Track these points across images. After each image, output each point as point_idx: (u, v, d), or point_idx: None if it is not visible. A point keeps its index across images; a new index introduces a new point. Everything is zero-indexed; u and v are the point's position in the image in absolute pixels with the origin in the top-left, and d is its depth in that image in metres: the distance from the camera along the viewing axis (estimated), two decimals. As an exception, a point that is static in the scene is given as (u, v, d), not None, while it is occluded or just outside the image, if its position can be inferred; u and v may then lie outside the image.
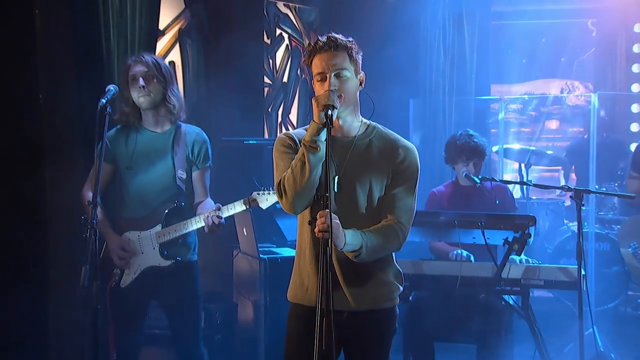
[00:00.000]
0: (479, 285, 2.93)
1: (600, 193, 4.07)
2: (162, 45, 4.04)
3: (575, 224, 2.99)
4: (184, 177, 2.75)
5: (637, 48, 6.05)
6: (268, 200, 2.67)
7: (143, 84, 2.68)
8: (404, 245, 2.06)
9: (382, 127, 2.13)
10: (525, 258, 3.13)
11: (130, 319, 2.74)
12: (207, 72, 4.18)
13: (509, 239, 2.87)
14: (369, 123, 2.11)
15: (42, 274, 3.11)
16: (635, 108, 6.05)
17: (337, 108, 1.92)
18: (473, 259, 3.17)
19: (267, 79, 4.70)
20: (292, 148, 2.04)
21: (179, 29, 4.16)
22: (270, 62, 4.73)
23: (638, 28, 6.01)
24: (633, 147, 5.22)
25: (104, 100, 2.43)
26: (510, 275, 2.91)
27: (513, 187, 4.88)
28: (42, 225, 3.11)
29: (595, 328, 3.35)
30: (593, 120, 4.41)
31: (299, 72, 4.90)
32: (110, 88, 2.50)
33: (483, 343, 3.06)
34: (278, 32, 4.79)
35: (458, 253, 3.16)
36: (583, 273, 2.85)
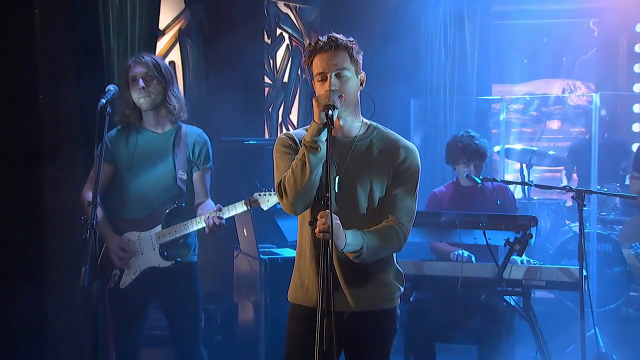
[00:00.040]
0: (480, 286, 2.92)
1: (602, 193, 4.06)
2: (162, 45, 4.03)
3: (577, 225, 2.98)
4: (185, 177, 2.74)
5: (639, 48, 6.04)
6: (269, 201, 2.66)
7: (143, 85, 2.67)
8: (405, 246, 2.05)
9: (382, 127, 2.12)
10: (527, 259, 3.12)
11: (130, 320, 2.73)
12: (207, 72, 4.17)
13: (510, 240, 2.86)
14: (370, 123, 2.11)
15: (42, 274, 3.10)
16: (637, 108, 6.04)
17: (337, 108, 1.91)
18: (474, 260, 3.16)
19: (267, 79, 4.69)
20: (292, 148, 2.03)
21: (179, 29, 4.16)
22: (271, 62, 4.72)
23: (640, 27, 6.02)
24: (635, 147, 5.22)
25: (104, 101, 2.42)
26: (512, 276, 2.90)
27: (514, 187, 4.87)
28: (42, 226, 3.11)
29: (597, 329, 3.34)
30: (595, 121, 4.40)
31: (300, 72, 4.90)
32: (110, 88, 2.49)
33: (484, 344, 3.05)
34: (278, 31, 4.78)
35: (459, 254, 3.15)
36: (585, 274, 2.84)
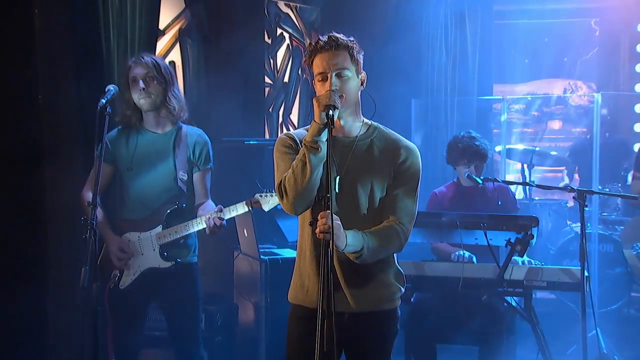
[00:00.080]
0: (481, 287, 2.91)
1: (604, 194, 4.05)
2: (162, 45, 4.02)
3: (578, 225, 2.97)
4: (185, 178, 2.73)
5: (640, 47, 6.02)
6: (270, 202, 2.65)
7: (143, 87, 2.66)
8: (406, 246, 2.05)
9: (383, 127, 2.11)
10: (528, 259, 3.11)
11: (130, 321, 2.72)
12: (207, 72, 4.16)
13: (512, 240, 2.85)
14: (371, 123, 2.10)
15: (42, 274, 3.09)
16: (639, 108, 6.02)
17: (338, 108, 1.90)
18: (475, 260, 3.15)
19: (267, 79, 4.68)
20: (292, 148, 2.02)
21: (179, 29, 4.15)
22: (271, 62, 4.72)
23: (641, 27, 6.00)
24: (637, 147, 5.21)
25: (104, 101, 2.41)
26: (513, 277, 2.89)
27: (515, 187, 4.86)
28: (42, 226, 3.10)
29: (599, 330, 3.34)
30: (596, 121, 4.39)
31: (300, 72, 4.89)
32: (110, 88, 2.48)
33: (485, 345, 3.04)
34: (279, 31, 4.77)
35: (460, 254, 3.14)
36: (586, 274, 2.83)
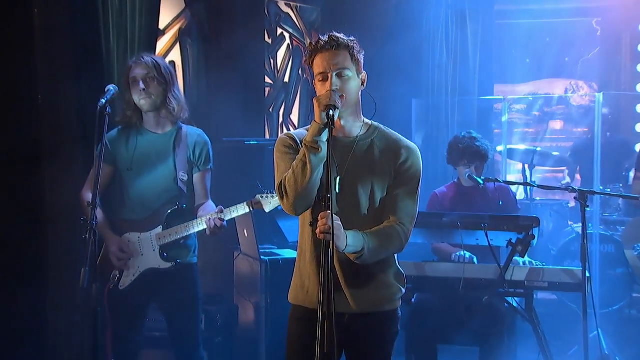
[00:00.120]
0: (483, 287, 2.90)
1: (605, 194, 4.03)
2: (162, 45, 4.02)
3: (580, 226, 2.96)
4: (186, 179, 2.73)
5: (642, 47, 6.00)
6: (272, 204, 2.65)
7: (143, 87, 2.65)
8: (406, 247, 2.04)
9: (384, 127, 2.10)
10: (529, 260, 3.11)
11: (129, 321, 2.71)
12: (207, 72, 4.16)
13: (513, 241, 2.85)
14: (371, 123, 2.09)
15: (41, 275, 3.08)
16: (641, 108, 6.00)
17: (338, 108, 1.89)
18: (476, 261, 3.14)
19: (268, 79, 4.68)
20: (293, 149, 2.02)
21: (180, 29, 4.14)
22: (272, 62, 4.71)
23: (643, 27, 5.97)
24: (638, 147, 5.19)
25: (104, 101, 2.40)
26: (514, 277, 2.88)
27: (517, 188, 4.84)
28: (42, 226, 3.10)
29: (600, 330, 3.33)
30: (598, 121, 4.38)
31: (301, 72, 4.88)
32: (110, 88, 2.48)
33: (486, 345, 3.03)
34: (279, 31, 4.76)
35: (460, 255, 3.13)
36: (587, 275, 2.83)
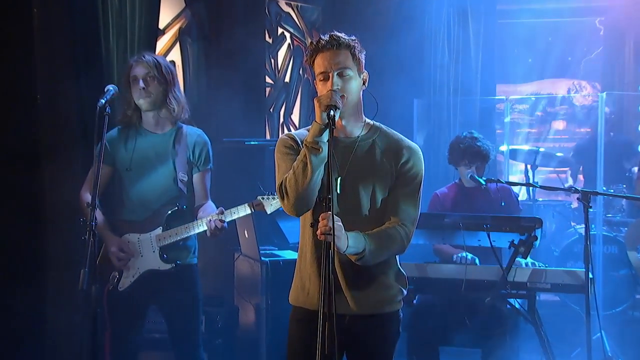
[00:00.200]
0: (485, 289, 2.88)
1: (608, 195, 4.02)
2: (162, 45, 4.01)
3: (583, 226, 2.94)
4: (185, 179, 2.71)
5: (645, 47, 5.98)
6: (273, 205, 2.64)
7: (143, 86, 2.64)
8: (408, 248, 2.02)
9: (386, 127, 2.09)
10: (532, 261, 3.09)
11: (129, 323, 2.70)
12: (207, 71, 4.15)
13: (515, 242, 2.83)
14: (373, 123, 2.08)
15: (41, 275, 3.07)
16: (644, 108, 5.97)
17: (339, 108, 1.88)
18: (478, 262, 3.13)
19: (268, 79, 4.67)
20: (294, 149, 2.01)
21: (180, 28, 4.14)
22: (272, 61, 4.70)
23: (646, 26, 5.94)
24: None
25: (103, 101, 2.38)
26: (516, 279, 2.87)
27: (519, 188, 4.82)
28: (41, 226, 3.08)
29: (603, 332, 3.31)
30: (600, 121, 4.35)
31: (301, 71, 4.87)
32: (110, 88, 2.46)
33: (488, 347, 3.02)
34: (280, 31, 4.75)
35: (462, 256, 3.12)
36: (590, 276, 2.82)
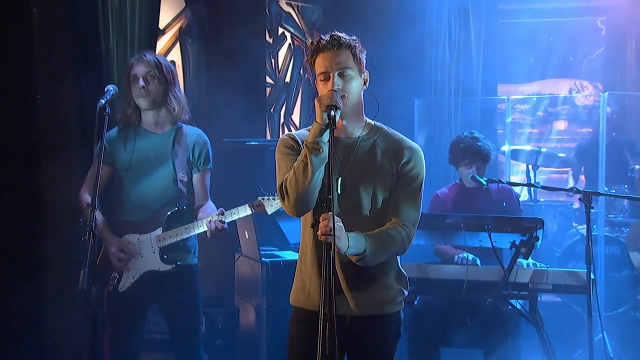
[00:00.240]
0: (486, 289, 2.87)
1: (610, 195, 4.01)
2: (162, 45, 4.01)
3: (584, 227, 2.94)
4: (185, 179, 2.71)
5: (647, 46, 5.96)
6: (274, 206, 2.64)
7: (143, 85, 2.64)
8: (409, 248, 2.01)
9: (387, 127, 2.09)
10: (533, 262, 3.07)
11: (129, 323, 2.70)
12: (208, 71, 4.15)
13: (516, 242, 2.82)
14: (374, 123, 2.07)
15: (41, 275, 3.06)
16: (646, 108, 5.96)
17: (340, 108, 1.88)
18: (479, 263, 3.12)
19: (269, 79, 4.66)
20: (294, 149, 2.00)
21: (180, 28, 4.13)
22: (273, 61, 4.69)
23: (648, 26, 5.93)
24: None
25: (103, 101, 2.38)
26: (518, 280, 2.86)
27: (520, 189, 4.80)
28: (41, 226, 3.07)
29: (605, 333, 3.28)
30: (602, 121, 4.34)
31: (302, 71, 4.86)
32: (110, 88, 2.45)
33: (490, 348, 3.02)
34: (280, 31, 4.74)
35: (464, 256, 3.11)
36: (592, 277, 2.81)
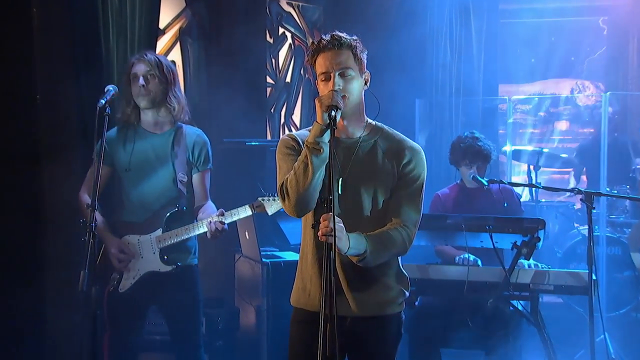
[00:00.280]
0: (487, 290, 2.87)
1: (612, 196, 4.00)
2: (162, 45, 4.01)
3: (586, 228, 2.93)
4: (185, 180, 2.70)
5: (649, 46, 5.95)
6: (274, 207, 2.63)
7: (143, 83, 2.64)
8: (410, 249, 2.01)
9: (388, 127, 2.08)
10: (534, 262, 3.07)
11: (129, 324, 2.69)
12: (208, 71, 4.14)
13: (518, 243, 2.81)
14: (375, 124, 2.06)
15: (41, 275, 3.06)
16: (648, 108, 5.94)
17: (340, 109, 1.87)
18: (480, 263, 3.11)
19: (269, 79, 4.65)
20: (295, 150, 2.00)
21: (180, 28, 4.13)
22: (273, 61, 4.68)
23: (650, 26, 5.92)
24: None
25: (103, 101, 2.38)
26: (519, 280, 2.86)
27: (522, 189, 4.79)
28: (41, 226, 3.07)
29: (607, 334, 3.28)
30: (604, 121, 4.33)
31: (303, 71, 4.86)
32: (110, 88, 2.45)
33: (491, 349, 3.02)
34: (281, 30, 4.74)
35: (465, 257, 3.10)
36: (594, 278, 2.80)
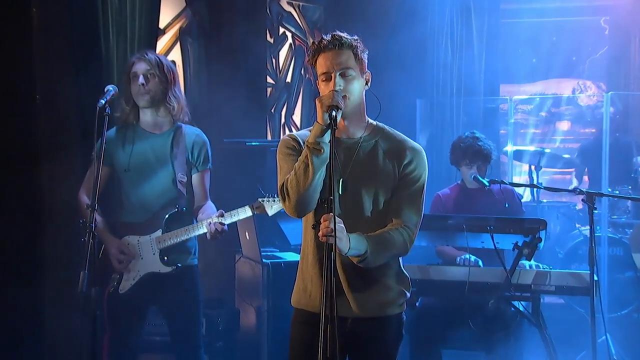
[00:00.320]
0: (488, 291, 2.86)
1: (613, 196, 3.98)
2: (162, 44, 4.01)
3: (587, 228, 2.92)
4: (185, 180, 2.69)
5: (651, 46, 5.93)
6: (274, 207, 2.63)
7: (143, 82, 2.63)
8: (411, 250, 2.00)
9: (389, 128, 2.07)
10: (536, 263, 3.06)
11: (129, 325, 2.68)
12: (208, 71, 4.14)
13: (519, 244, 2.81)
14: (376, 124, 2.06)
15: (41, 275, 3.05)
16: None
17: (341, 109, 1.87)
18: (481, 264, 3.10)
19: (270, 79, 4.65)
20: (296, 150, 1.99)
21: (180, 28, 4.13)
22: (274, 61, 4.68)
23: (652, 25, 5.90)
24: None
25: (103, 101, 2.37)
26: (520, 281, 2.85)
27: (523, 190, 4.78)
28: (41, 226, 3.07)
29: (608, 335, 3.27)
30: (605, 121, 4.33)
31: (303, 71, 4.85)
32: (110, 88, 2.44)
33: (492, 350, 3.01)
34: (281, 30, 4.73)
35: (466, 258, 3.09)
36: (595, 278, 2.80)
